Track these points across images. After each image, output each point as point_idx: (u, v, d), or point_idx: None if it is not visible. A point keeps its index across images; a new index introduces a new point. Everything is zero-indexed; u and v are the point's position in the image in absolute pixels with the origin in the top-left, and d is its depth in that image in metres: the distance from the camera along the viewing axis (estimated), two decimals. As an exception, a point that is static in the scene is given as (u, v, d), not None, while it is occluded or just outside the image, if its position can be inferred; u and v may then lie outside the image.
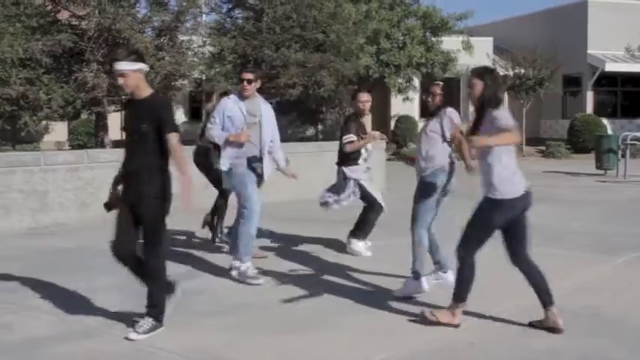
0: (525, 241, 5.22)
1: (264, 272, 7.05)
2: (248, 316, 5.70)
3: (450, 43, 26.68)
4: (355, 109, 8.03)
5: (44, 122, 18.53)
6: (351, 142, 7.87)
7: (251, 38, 19.99)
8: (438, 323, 5.21)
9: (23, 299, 6.23)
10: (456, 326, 5.21)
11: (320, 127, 24.42)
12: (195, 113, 26.45)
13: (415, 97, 28.45)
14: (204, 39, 19.06)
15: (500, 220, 5.04)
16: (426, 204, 6.16)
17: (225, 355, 4.76)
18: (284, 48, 19.61)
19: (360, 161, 7.96)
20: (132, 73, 5.12)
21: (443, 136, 6.19)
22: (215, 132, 6.96)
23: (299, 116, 23.24)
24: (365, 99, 7.96)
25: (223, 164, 6.95)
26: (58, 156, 10.89)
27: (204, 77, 20.44)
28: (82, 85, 16.25)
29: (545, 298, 5.17)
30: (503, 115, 4.95)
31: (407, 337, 5.13)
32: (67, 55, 16.42)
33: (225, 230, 8.31)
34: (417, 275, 6.13)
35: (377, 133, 8.20)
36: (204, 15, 20.75)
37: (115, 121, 20.69)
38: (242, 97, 7.02)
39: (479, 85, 5.10)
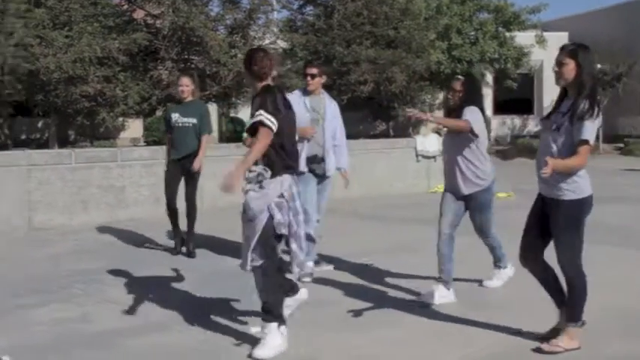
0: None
1: (326, 270, 7.09)
2: (309, 312, 5.62)
3: (523, 38, 26.24)
4: None
5: (120, 119, 18.96)
6: None
7: (322, 35, 20.03)
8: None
9: (100, 292, 6.40)
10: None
11: (391, 123, 24.34)
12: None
13: (489, 93, 28.10)
14: (275, 35, 19.21)
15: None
16: (491, 216, 6.09)
17: (287, 351, 4.76)
18: (355, 44, 19.59)
19: None
20: None
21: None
22: None
23: (370, 113, 23.21)
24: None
25: None
26: (134, 152, 11.15)
27: (275, 73, 20.62)
28: (157, 82, 16.59)
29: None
30: (592, 130, 4.47)
31: (470, 338, 5.04)
32: (142, 54, 16.77)
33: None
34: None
35: None
36: (275, 12, 20.91)
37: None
38: (306, 92, 6.89)
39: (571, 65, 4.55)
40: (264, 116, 4.63)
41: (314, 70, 6.85)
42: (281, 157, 4.73)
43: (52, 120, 17.78)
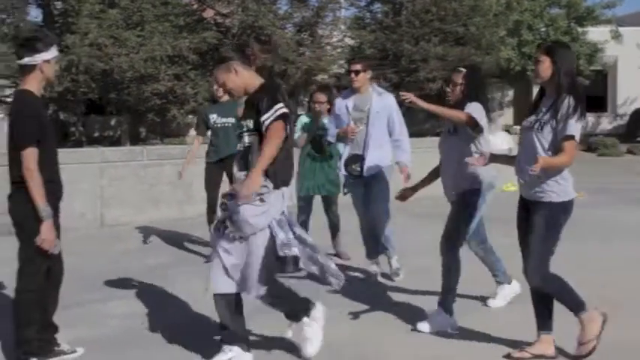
0: None
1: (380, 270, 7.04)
2: (369, 310, 5.65)
3: (596, 33, 25.61)
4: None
5: (190, 116, 19.29)
6: None
7: (390, 32, 19.96)
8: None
9: (169, 287, 6.50)
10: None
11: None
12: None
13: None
14: (343, 33, 19.22)
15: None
16: (469, 227, 5.44)
17: (355, 350, 4.77)
18: (423, 42, 19.47)
19: None
20: None
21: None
22: (330, 130, 6.67)
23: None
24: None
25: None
26: (202, 149, 11.27)
27: (343, 71, 20.62)
28: (226, 80, 16.79)
29: None
30: (577, 126, 4.30)
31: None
32: (211, 52, 17.01)
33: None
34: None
35: None
36: (343, 10, 20.91)
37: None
38: (352, 91, 6.56)
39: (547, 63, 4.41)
40: (283, 110, 4.07)
41: (357, 66, 6.47)
42: (285, 167, 4.22)
43: (124, 118, 18.19)
